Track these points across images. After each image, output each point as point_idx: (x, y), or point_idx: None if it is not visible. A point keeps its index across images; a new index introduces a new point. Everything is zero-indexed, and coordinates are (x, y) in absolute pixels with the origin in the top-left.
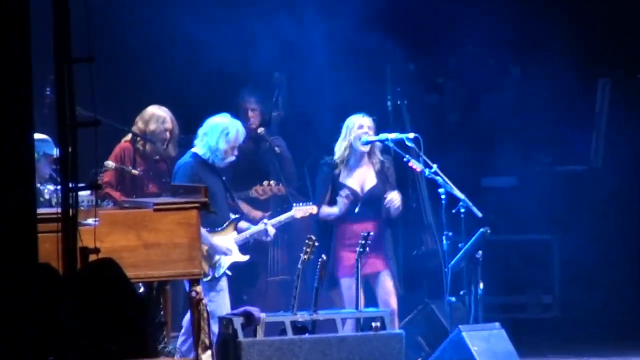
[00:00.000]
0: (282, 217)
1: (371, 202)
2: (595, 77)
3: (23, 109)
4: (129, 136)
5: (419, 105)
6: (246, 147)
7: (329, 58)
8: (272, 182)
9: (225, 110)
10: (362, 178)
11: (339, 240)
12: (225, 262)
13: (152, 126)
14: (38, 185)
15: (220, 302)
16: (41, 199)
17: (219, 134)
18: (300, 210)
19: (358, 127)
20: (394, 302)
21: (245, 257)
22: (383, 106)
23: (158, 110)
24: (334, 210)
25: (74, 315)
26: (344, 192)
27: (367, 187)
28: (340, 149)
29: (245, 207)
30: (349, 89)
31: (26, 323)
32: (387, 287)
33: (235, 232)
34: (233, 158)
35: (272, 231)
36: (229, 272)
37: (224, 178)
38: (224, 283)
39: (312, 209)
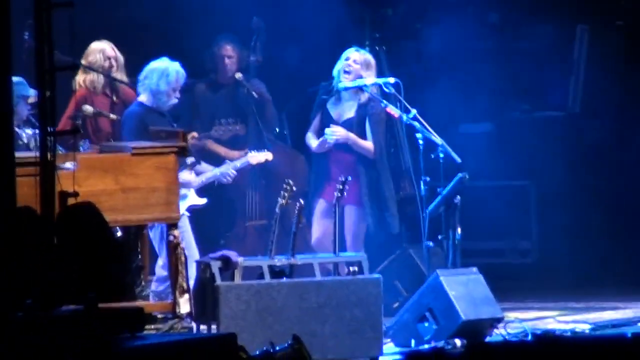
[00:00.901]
0: (238, 163)
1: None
2: (573, 24)
3: (1, 54)
4: (83, 83)
5: (397, 51)
6: (225, 92)
7: (308, 3)
8: (230, 120)
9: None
10: (343, 109)
11: (312, 169)
12: (181, 205)
13: (90, 57)
14: (16, 128)
15: (185, 242)
16: (19, 142)
17: (159, 76)
18: (255, 157)
19: (345, 58)
20: (348, 240)
21: (203, 200)
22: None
23: (96, 43)
24: (312, 143)
25: (52, 259)
26: (328, 131)
27: (343, 119)
28: (335, 77)
29: (221, 149)
30: (328, 35)
31: (4, 265)
32: (347, 224)
33: (191, 175)
34: (175, 101)
35: (231, 172)
36: (187, 214)
37: (174, 125)
38: (185, 224)
39: (266, 155)
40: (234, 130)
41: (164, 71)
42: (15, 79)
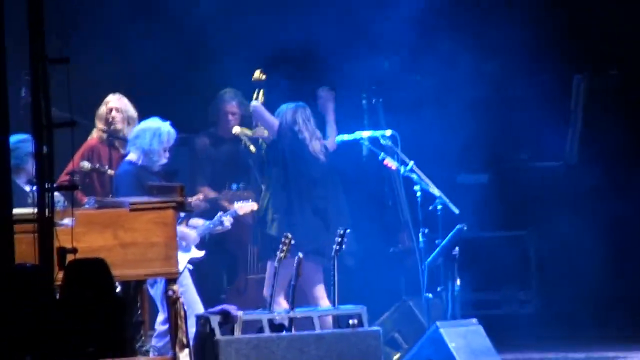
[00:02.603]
0: (227, 213)
1: None
2: (569, 73)
3: None
4: (95, 134)
5: (394, 103)
6: (226, 147)
7: (306, 56)
8: (241, 185)
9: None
10: None
11: None
12: (181, 259)
13: (99, 110)
14: (25, 185)
15: (188, 297)
16: (29, 200)
17: (152, 135)
18: (242, 208)
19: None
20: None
21: (201, 253)
22: (358, 104)
23: (109, 96)
24: None
25: (54, 314)
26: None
27: None
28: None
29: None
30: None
31: (4, 322)
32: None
33: (187, 229)
34: (165, 160)
35: (226, 221)
36: (190, 266)
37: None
38: (187, 279)
39: (252, 205)
40: (241, 196)
41: (156, 131)
42: (22, 136)
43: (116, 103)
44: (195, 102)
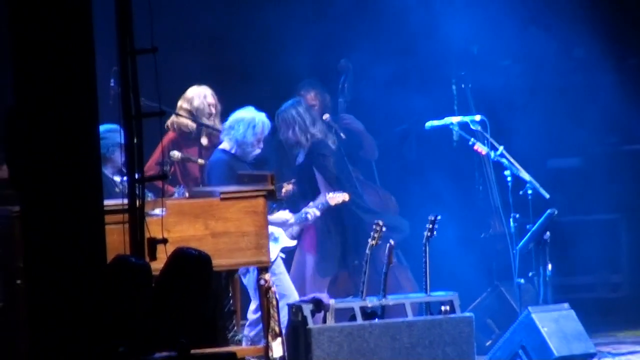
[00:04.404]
0: (318, 202)
1: None
2: None
3: (88, 102)
4: (172, 124)
5: (483, 88)
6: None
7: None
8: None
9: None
10: None
11: None
12: (273, 249)
13: (195, 102)
14: (112, 176)
15: (281, 286)
16: (116, 189)
17: (246, 126)
18: (333, 199)
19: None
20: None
21: (293, 242)
22: (447, 90)
23: (198, 88)
24: None
25: (148, 305)
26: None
27: None
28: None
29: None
30: (414, 73)
31: (97, 312)
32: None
33: (277, 212)
34: (259, 151)
35: (312, 212)
36: (282, 255)
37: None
38: (279, 267)
39: (344, 196)
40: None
41: (251, 122)
42: (110, 126)
43: (212, 99)
44: (283, 90)
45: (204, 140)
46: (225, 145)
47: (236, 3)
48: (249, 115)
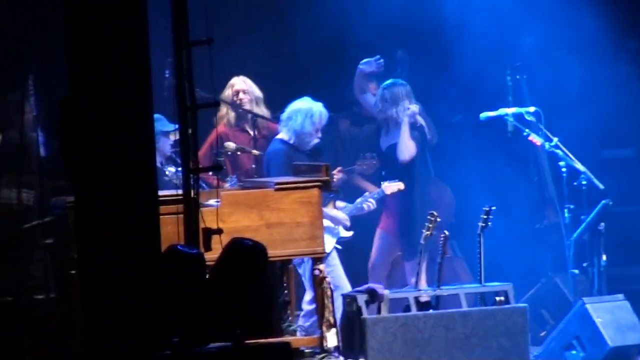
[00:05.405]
0: (375, 194)
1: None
2: None
3: (143, 93)
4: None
5: (537, 79)
6: (369, 127)
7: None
8: (374, 154)
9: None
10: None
11: None
12: (328, 240)
13: (225, 93)
14: (159, 165)
15: (336, 276)
16: (165, 177)
17: (304, 117)
18: (389, 188)
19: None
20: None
21: (350, 233)
22: (502, 81)
23: (232, 79)
24: None
25: (202, 297)
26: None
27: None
28: None
29: (364, 184)
30: (468, 64)
31: (151, 303)
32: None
33: (334, 210)
34: (317, 140)
35: (369, 203)
36: (338, 246)
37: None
38: (334, 259)
39: (399, 185)
40: (378, 164)
41: (308, 112)
42: (155, 115)
43: (242, 85)
44: (341, 80)
45: (251, 131)
46: (283, 135)
47: None
48: (306, 106)
